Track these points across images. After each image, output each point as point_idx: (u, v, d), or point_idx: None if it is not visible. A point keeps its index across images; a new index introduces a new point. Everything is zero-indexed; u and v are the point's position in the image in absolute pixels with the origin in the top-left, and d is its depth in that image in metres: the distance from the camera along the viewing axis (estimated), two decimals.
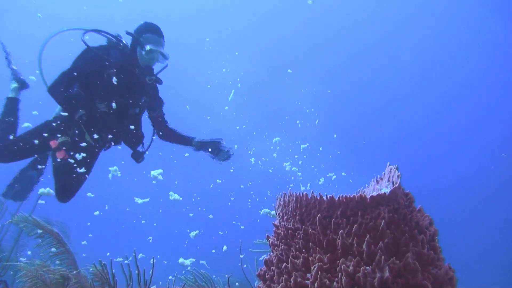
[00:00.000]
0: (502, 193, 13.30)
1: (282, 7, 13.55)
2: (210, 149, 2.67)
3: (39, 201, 2.87)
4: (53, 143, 2.23)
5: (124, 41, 2.48)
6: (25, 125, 2.38)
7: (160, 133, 2.73)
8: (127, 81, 2.35)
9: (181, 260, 2.29)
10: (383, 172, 1.06)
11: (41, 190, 1.97)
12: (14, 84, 2.56)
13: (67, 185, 2.41)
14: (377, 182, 1.10)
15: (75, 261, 2.15)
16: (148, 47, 2.31)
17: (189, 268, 2.24)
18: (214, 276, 2.29)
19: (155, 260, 1.60)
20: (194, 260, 2.34)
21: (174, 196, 1.99)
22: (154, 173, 1.87)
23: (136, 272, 1.64)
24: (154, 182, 2.40)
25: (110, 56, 2.33)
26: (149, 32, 2.37)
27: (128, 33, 2.41)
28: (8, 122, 2.38)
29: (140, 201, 2.90)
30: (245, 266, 2.22)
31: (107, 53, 2.34)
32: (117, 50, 2.40)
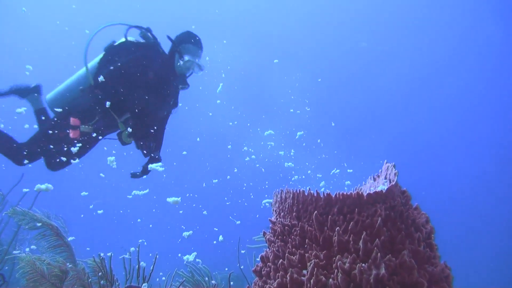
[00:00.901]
0: (501, 192, 13.31)
1: None
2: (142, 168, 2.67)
3: (24, 190, 2.86)
4: (73, 121, 2.26)
5: (156, 38, 2.49)
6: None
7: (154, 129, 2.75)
8: (163, 85, 2.40)
9: (186, 257, 2.31)
10: (380, 170, 1.06)
11: (38, 186, 1.96)
12: None
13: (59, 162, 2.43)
14: (374, 179, 1.10)
15: (73, 254, 2.17)
16: (186, 58, 2.37)
17: (186, 263, 2.25)
18: (206, 279, 2.31)
19: (147, 257, 1.61)
20: (196, 253, 2.36)
21: (172, 199, 2.00)
22: (153, 166, 1.87)
23: (137, 266, 1.64)
24: (144, 177, 2.42)
25: (152, 58, 2.36)
26: (189, 42, 2.42)
27: (169, 38, 2.46)
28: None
29: (140, 193, 2.90)
30: (242, 267, 2.23)
31: (149, 54, 2.37)
32: (157, 53, 2.43)
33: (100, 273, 1.70)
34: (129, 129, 2.32)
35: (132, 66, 2.27)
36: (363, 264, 0.86)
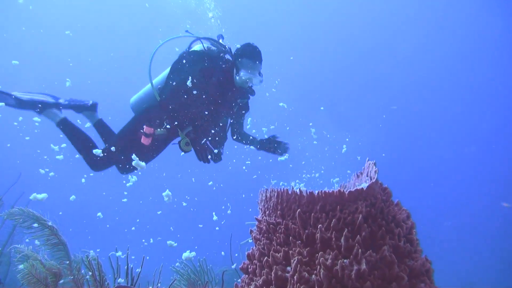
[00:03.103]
0: (499, 190, 13.30)
1: None
2: (270, 147, 2.71)
3: None
4: (147, 129, 2.33)
5: (226, 48, 2.50)
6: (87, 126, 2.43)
7: (235, 135, 2.81)
8: (223, 99, 2.44)
9: (186, 253, 2.33)
10: (363, 167, 1.08)
11: (34, 195, 1.96)
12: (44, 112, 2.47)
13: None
14: (357, 176, 1.12)
15: (68, 253, 2.20)
16: (241, 73, 2.36)
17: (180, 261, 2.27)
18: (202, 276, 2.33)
19: (138, 257, 1.63)
20: (195, 253, 2.38)
21: (165, 195, 2.02)
22: (135, 163, 1.87)
23: (126, 267, 1.67)
24: (131, 182, 2.46)
25: (215, 72, 2.38)
26: (246, 57, 2.38)
27: (229, 52, 2.47)
28: (79, 139, 2.43)
29: (132, 179, 2.91)
30: (235, 271, 2.25)
31: (213, 67, 2.39)
32: (221, 66, 2.43)
33: (90, 272, 1.72)
34: (188, 138, 2.38)
35: (194, 83, 2.30)
36: (345, 260, 0.88)
